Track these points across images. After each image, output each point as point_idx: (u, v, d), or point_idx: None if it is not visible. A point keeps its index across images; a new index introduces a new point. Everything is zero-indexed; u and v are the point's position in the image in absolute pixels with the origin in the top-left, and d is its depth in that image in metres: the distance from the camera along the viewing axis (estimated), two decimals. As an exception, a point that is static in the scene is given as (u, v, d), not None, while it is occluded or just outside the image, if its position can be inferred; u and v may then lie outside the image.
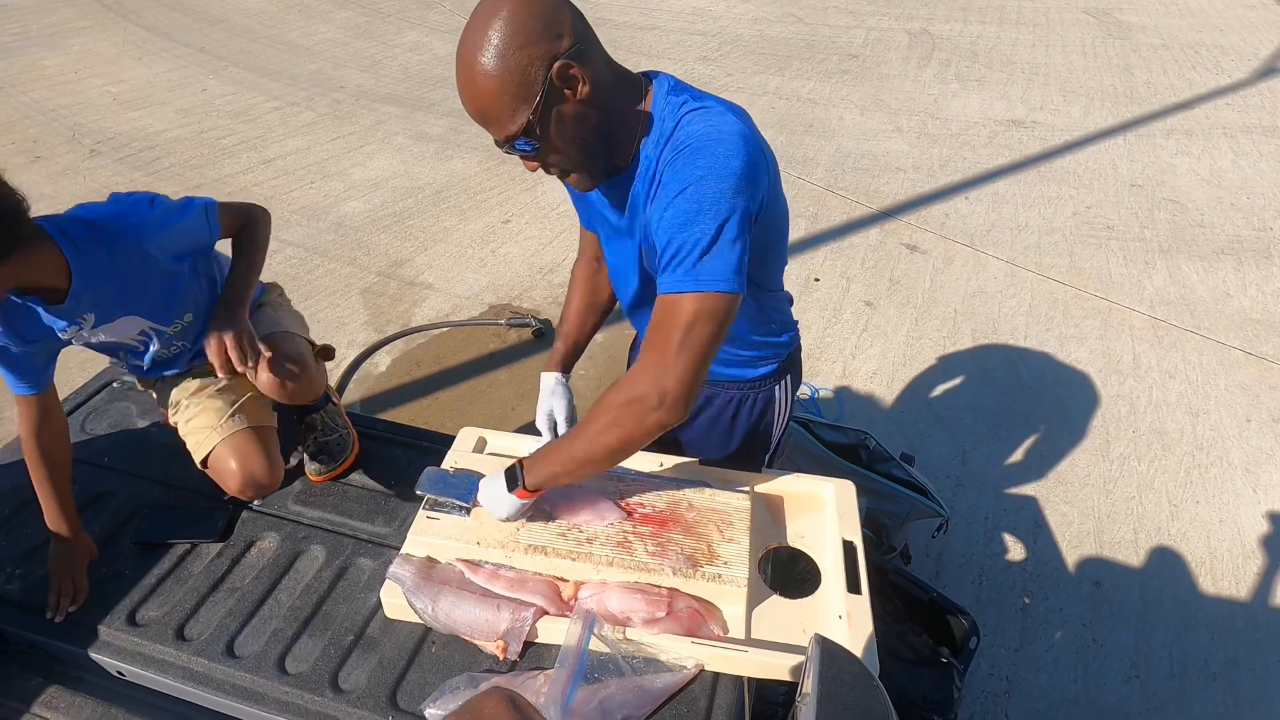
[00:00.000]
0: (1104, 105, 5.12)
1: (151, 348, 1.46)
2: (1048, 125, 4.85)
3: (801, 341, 1.45)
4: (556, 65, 0.94)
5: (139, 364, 1.51)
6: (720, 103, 1.05)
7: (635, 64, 1.16)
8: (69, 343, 1.33)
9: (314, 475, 1.53)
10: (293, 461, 1.56)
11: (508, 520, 1.22)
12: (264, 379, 1.45)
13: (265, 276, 1.57)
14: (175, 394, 1.55)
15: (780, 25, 6.60)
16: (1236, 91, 5.33)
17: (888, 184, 4.18)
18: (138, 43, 5.88)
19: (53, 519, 1.33)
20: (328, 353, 1.61)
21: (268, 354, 1.38)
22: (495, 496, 1.20)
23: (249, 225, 1.48)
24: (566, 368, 1.42)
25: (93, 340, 1.37)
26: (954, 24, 6.64)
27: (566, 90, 0.96)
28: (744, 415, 1.39)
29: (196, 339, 1.50)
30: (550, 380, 1.39)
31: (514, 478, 1.16)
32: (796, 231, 3.59)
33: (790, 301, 1.36)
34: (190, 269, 1.41)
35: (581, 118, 0.99)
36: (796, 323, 1.39)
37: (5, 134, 4.50)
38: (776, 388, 1.39)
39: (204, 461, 1.46)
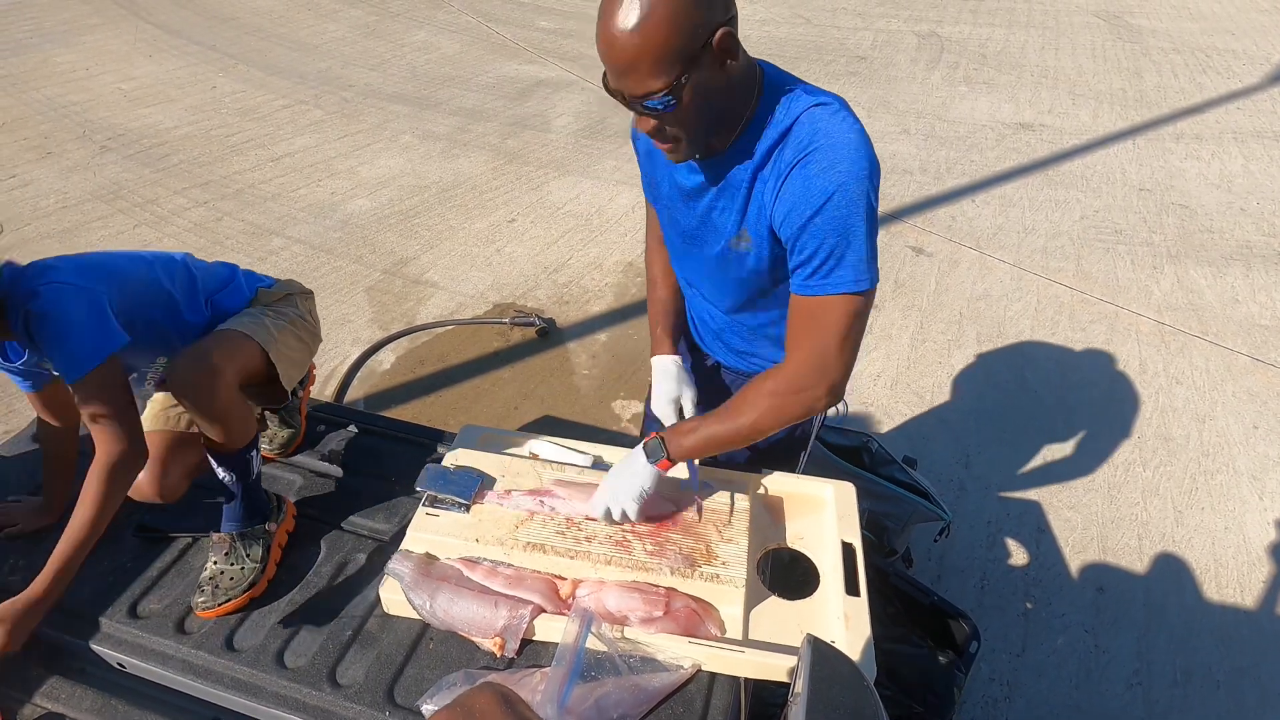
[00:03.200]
0: (1113, 109, 5.09)
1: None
2: (1056, 128, 4.83)
3: None
4: (721, 32, 0.95)
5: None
6: (832, 97, 1.07)
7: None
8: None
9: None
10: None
11: (632, 498, 1.19)
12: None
13: (273, 274, 1.56)
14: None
15: (788, 26, 6.60)
16: (1247, 96, 5.29)
17: (894, 186, 4.17)
18: (149, 40, 5.92)
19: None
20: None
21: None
22: (632, 469, 1.19)
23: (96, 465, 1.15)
24: (677, 349, 1.41)
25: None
26: (963, 26, 6.62)
27: (721, 59, 0.98)
28: None
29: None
30: (671, 365, 1.37)
31: (656, 450, 1.18)
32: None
33: None
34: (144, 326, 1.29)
35: (723, 90, 1.01)
36: None
37: (17, 130, 4.54)
38: None
39: None
